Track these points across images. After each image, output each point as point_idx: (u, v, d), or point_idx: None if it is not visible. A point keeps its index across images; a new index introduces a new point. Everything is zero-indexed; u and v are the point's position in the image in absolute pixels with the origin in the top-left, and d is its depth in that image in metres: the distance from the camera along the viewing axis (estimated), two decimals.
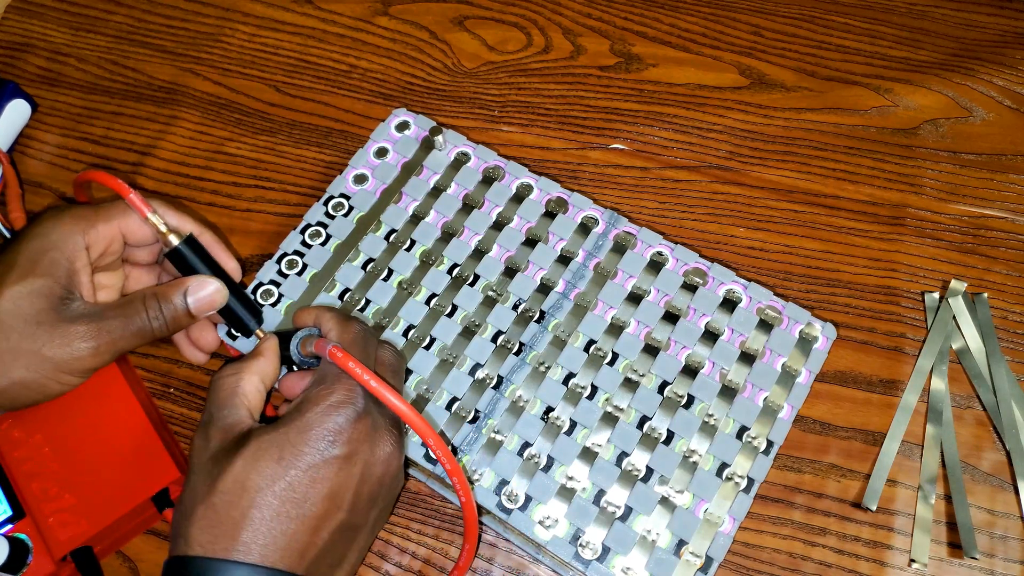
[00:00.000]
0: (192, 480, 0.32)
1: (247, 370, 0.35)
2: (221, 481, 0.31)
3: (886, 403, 0.43)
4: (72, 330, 0.35)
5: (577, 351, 0.40)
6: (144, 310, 0.36)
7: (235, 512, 0.30)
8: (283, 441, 0.31)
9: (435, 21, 0.56)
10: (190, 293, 0.37)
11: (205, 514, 0.30)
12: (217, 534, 0.30)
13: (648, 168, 0.50)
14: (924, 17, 0.54)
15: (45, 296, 0.35)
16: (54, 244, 0.36)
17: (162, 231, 0.37)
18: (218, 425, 0.33)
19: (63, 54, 0.56)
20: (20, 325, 0.34)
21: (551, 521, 0.37)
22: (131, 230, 0.38)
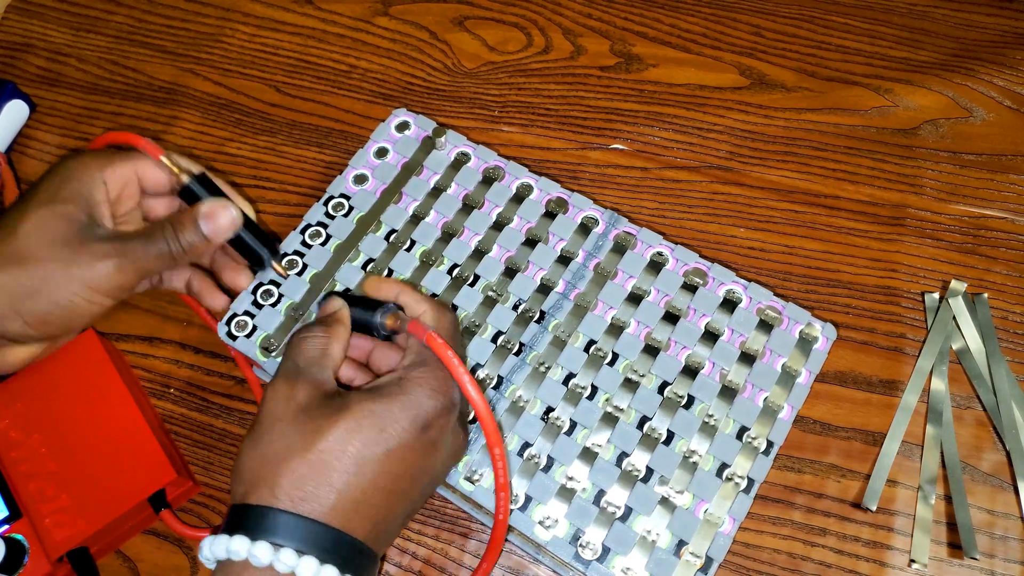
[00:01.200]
0: (280, 429, 0.31)
1: (335, 335, 0.35)
2: (322, 440, 0.30)
3: (886, 403, 0.43)
4: (97, 248, 0.35)
5: (577, 351, 0.40)
6: (163, 234, 0.37)
7: (333, 475, 0.30)
8: (386, 414, 0.31)
9: (435, 21, 0.56)
10: (202, 216, 0.37)
11: (299, 469, 0.30)
12: (309, 492, 0.30)
13: (648, 168, 0.50)
14: (924, 17, 0.54)
15: (68, 219, 0.36)
16: (74, 176, 0.37)
17: (174, 170, 0.39)
18: (307, 379, 0.33)
19: (63, 54, 0.56)
20: (47, 245, 0.35)
21: (551, 521, 0.37)
22: (146, 174, 0.39)
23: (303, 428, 0.31)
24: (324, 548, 0.29)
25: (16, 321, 0.35)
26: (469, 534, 0.42)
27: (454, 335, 0.36)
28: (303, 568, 0.28)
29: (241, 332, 0.41)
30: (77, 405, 0.41)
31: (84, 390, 0.42)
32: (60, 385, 0.42)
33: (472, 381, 0.33)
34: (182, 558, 0.42)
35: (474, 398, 0.33)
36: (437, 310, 0.36)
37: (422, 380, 0.33)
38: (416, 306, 0.36)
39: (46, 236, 0.35)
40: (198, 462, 0.44)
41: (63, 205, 0.36)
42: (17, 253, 0.35)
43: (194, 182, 0.39)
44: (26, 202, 0.36)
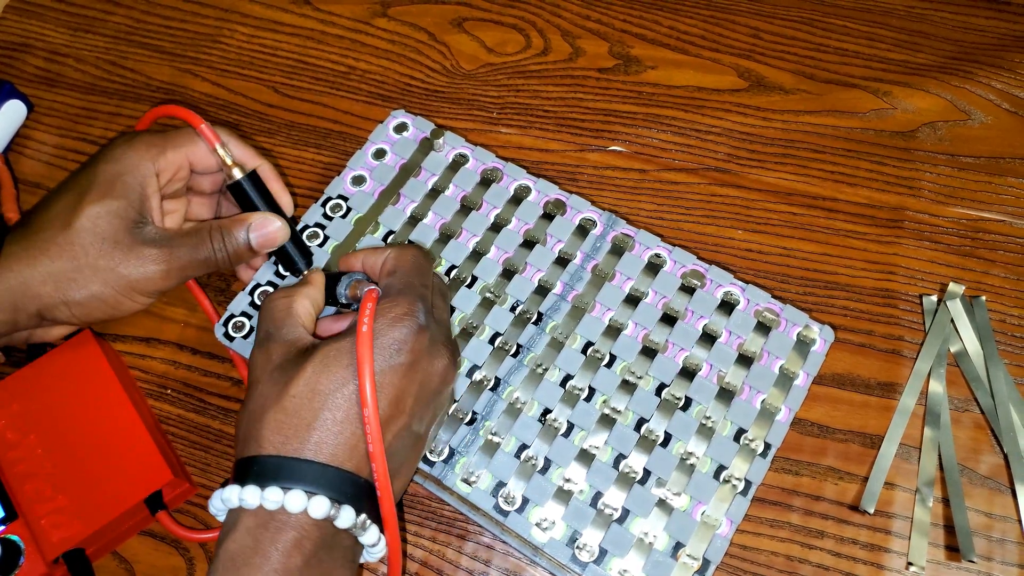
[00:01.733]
0: (259, 389, 0.33)
1: (298, 294, 0.36)
2: (292, 385, 0.32)
3: (884, 406, 0.43)
4: (146, 252, 0.37)
5: (575, 353, 0.40)
6: (210, 241, 0.38)
7: (307, 414, 0.31)
8: (351, 349, 0.32)
9: (434, 23, 0.56)
10: (253, 229, 0.39)
11: (276, 417, 0.31)
12: (289, 434, 0.31)
13: (646, 170, 0.50)
14: (923, 20, 0.54)
15: (121, 217, 0.37)
16: (127, 169, 0.38)
17: (227, 163, 0.39)
18: (279, 340, 0.34)
19: (61, 54, 0.56)
20: (98, 243, 0.36)
21: (548, 523, 0.37)
22: (198, 158, 0.40)
23: (277, 381, 0.32)
24: (313, 481, 0.30)
25: (63, 310, 0.37)
26: (466, 536, 0.42)
27: (412, 269, 0.36)
28: (291, 502, 0.30)
29: (238, 333, 0.41)
30: (74, 406, 0.41)
31: (81, 391, 0.42)
32: (57, 386, 0.42)
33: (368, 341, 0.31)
34: (179, 559, 0.42)
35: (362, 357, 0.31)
36: (396, 251, 0.37)
37: (383, 310, 0.33)
38: (378, 256, 0.37)
39: (99, 234, 0.36)
40: (195, 463, 0.44)
41: (116, 202, 0.37)
42: (71, 247, 0.36)
43: (246, 180, 0.40)
44: (81, 193, 0.37)
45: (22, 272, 0.36)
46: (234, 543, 0.30)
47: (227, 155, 0.39)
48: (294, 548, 0.30)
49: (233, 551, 0.30)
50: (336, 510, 0.31)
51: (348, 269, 0.38)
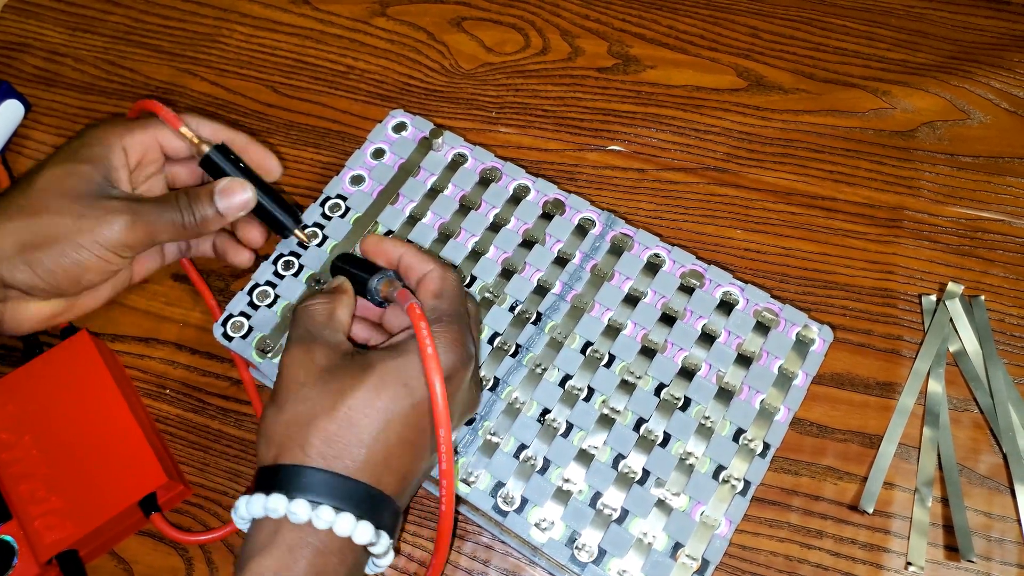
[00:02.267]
0: (306, 392, 0.32)
1: (338, 302, 0.36)
2: (350, 398, 0.31)
3: (883, 406, 0.43)
4: (108, 204, 0.36)
5: (574, 353, 0.40)
6: (176, 204, 0.38)
7: (362, 432, 0.31)
8: (410, 368, 0.32)
9: (433, 22, 0.56)
10: (218, 194, 0.38)
11: (328, 427, 0.31)
12: (340, 450, 0.30)
13: (645, 170, 0.50)
14: (922, 19, 0.54)
15: (83, 178, 0.37)
16: (94, 141, 0.38)
17: (194, 141, 0.39)
18: (322, 342, 0.33)
19: (60, 54, 0.56)
20: (58, 198, 0.36)
21: (547, 523, 0.37)
22: (168, 141, 0.40)
23: (328, 388, 0.31)
24: (357, 503, 0.30)
25: (24, 271, 0.36)
26: (466, 536, 0.42)
27: (458, 295, 0.35)
28: (341, 524, 0.29)
29: (237, 333, 0.41)
30: (69, 407, 0.41)
31: (76, 392, 0.42)
32: (52, 387, 0.42)
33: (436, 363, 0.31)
34: (177, 560, 0.42)
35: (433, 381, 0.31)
36: (442, 271, 0.36)
37: (439, 335, 0.33)
38: (421, 266, 0.36)
39: (59, 191, 0.36)
40: (193, 463, 0.44)
41: (80, 165, 0.37)
42: (30, 205, 0.36)
43: (214, 152, 0.40)
44: (45, 162, 0.38)
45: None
46: (271, 559, 0.29)
47: (190, 133, 0.39)
48: (327, 571, 0.30)
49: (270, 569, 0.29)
50: (377, 537, 0.31)
51: (383, 258, 0.38)
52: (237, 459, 0.44)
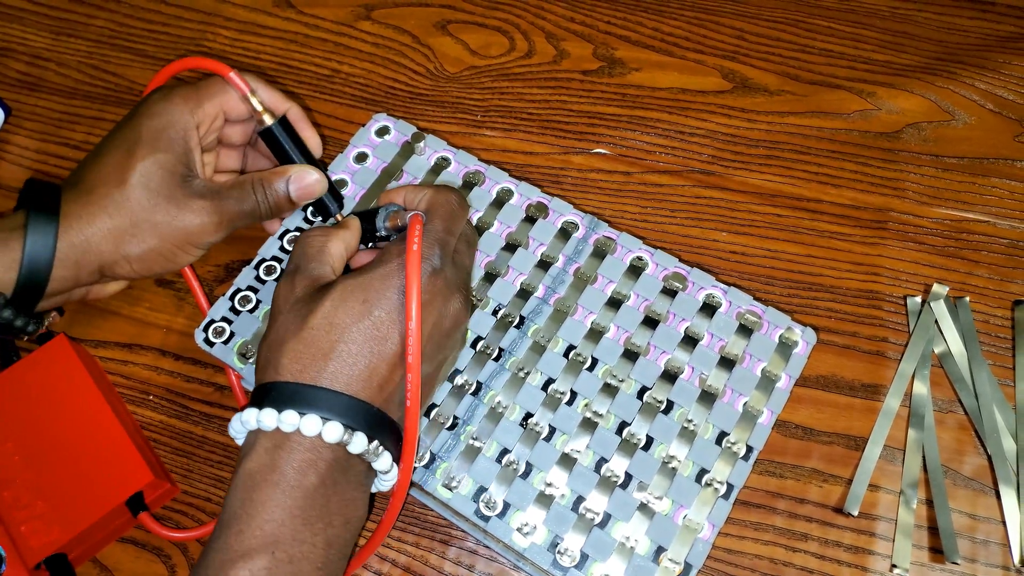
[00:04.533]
0: (280, 320, 0.35)
1: (334, 235, 0.38)
2: (312, 318, 0.33)
3: (868, 407, 0.43)
4: (197, 205, 0.38)
5: (556, 356, 0.40)
6: (253, 193, 0.40)
7: (324, 345, 0.33)
8: (367, 285, 0.34)
9: (418, 25, 0.56)
10: (292, 182, 0.40)
11: (295, 347, 0.33)
12: (306, 363, 0.33)
13: (631, 172, 0.50)
14: (907, 21, 0.54)
15: (171, 172, 0.38)
16: (169, 123, 0.39)
17: (258, 110, 0.41)
18: (305, 275, 0.36)
19: (43, 59, 0.56)
20: (153, 198, 0.38)
21: (529, 528, 0.36)
22: (231, 107, 0.41)
23: (298, 313, 0.34)
24: (328, 408, 0.32)
25: (124, 265, 0.39)
26: (450, 541, 0.41)
27: (451, 211, 0.37)
28: (306, 425, 0.32)
29: (218, 339, 0.41)
30: (50, 411, 0.41)
31: (57, 396, 0.41)
32: (32, 392, 0.41)
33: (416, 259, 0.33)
34: (160, 567, 0.42)
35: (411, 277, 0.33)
36: (435, 191, 0.38)
37: (400, 250, 0.35)
38: (416, 194, 0.38)
39: (152, 189, 0.38)
40: (178, 469, 0.44)
41: (164, 156, 0.38)
42: (127, 204, 0.38)
43: (276, 126, 0.41)
44: (129, 149, 0.38)
45: (83, 230, 0.37)
46: (252, 462, 0.32)
47: (256, 103, 0.41)
48: (309, 467, 0.32)
49: (251, 469, 0.32)
50: (349, 435, 0.32)
51: (388, 203, 0.39)
52: (221, 464, 0.44)
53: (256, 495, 0.31)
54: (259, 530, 0.31)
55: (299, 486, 0.32)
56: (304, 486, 0.32)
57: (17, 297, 0.38)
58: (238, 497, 0.32)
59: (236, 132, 0.43)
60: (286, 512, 0.31)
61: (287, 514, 0.31)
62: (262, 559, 0.30)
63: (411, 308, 0.33)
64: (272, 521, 0.31)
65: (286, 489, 0.31)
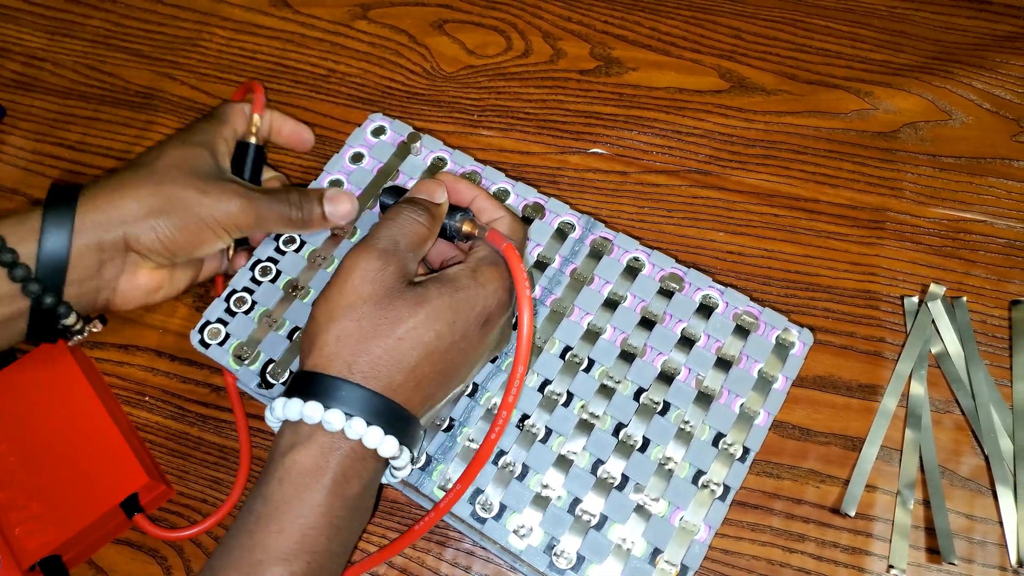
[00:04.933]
0: (366, 310, 0.33)
1: (434, 231, 0.37)
2: (402, 327, 0.33)
3: (865, 408, 0.43)
4: (228, 187, 0.39)
5: (553, 358, 0.40)
6: (287, 199, 0.41)
7: (405, 360, 0.33)
8: (460, 306, 0.34)
9: (414, 25, 0.56)
10: (328, 200, 0.41)
11: (376, 351, 0.32)
12: (382, 372, 0.32)
13: (628, 173, 0.50)
14: (904, 20, 0.54)
15: (201, 159, 0.40)
16: (203, 128, 0.42)
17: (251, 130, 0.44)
18: (400, 263, 0.34)
19: (39, 59, 0.56)
20: (183, 176, 0.39)
21: (525, 530, 0.36)
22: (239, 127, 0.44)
23: (386, 314, 0.33)
24: (387, 420, 0.32)
25: (149, 233, 0.38)
26: (446, 542, 0.41)
27: (523, 245, 0.38)
28: (370, 436, 0.31)
29: (214, 340, 0.41)
30: (45, 413, 0.41)
31: (52, 397, 0.41)
32: (28, 393, 0.41)
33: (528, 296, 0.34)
34: (156, 568, 0.42)
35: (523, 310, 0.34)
36: (512, 220, 0.38)
37: (493, 277, 0.35)
38: (492, 211, 0.38)
39: (183, 168, 0.39)
40: (173, 471, 0.44)
41: (195, 147, 0.40)
42: (156, 177, 0.38)
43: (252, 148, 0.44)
44: (163, 145, 0.40)
45: (104, 204, 0.37)
46: (304, 456, 0.31)
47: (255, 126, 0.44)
48: (355, 477, 0.32)
49: (303, 465, 0.31)
50: (400, 451, 0.33)
51: (456, 197, 0.39)
52: (217, 466, 0.44)
53: (305, 495, 0.31)
54: (300, 534, 0.30)
55: (342, 495, 0.31)
56: (346, 495, 0.32)
57: (41, 271, 0.36)
58: (284, 492, 0.31)
59: None
60: (326, 520, 0.31)
61: (326, 522, 0.31)
62: (298, 563, 0.30)
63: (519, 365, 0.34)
64: (314, 528, 0.31)
65: (332, 498, 0.31)
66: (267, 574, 0.29)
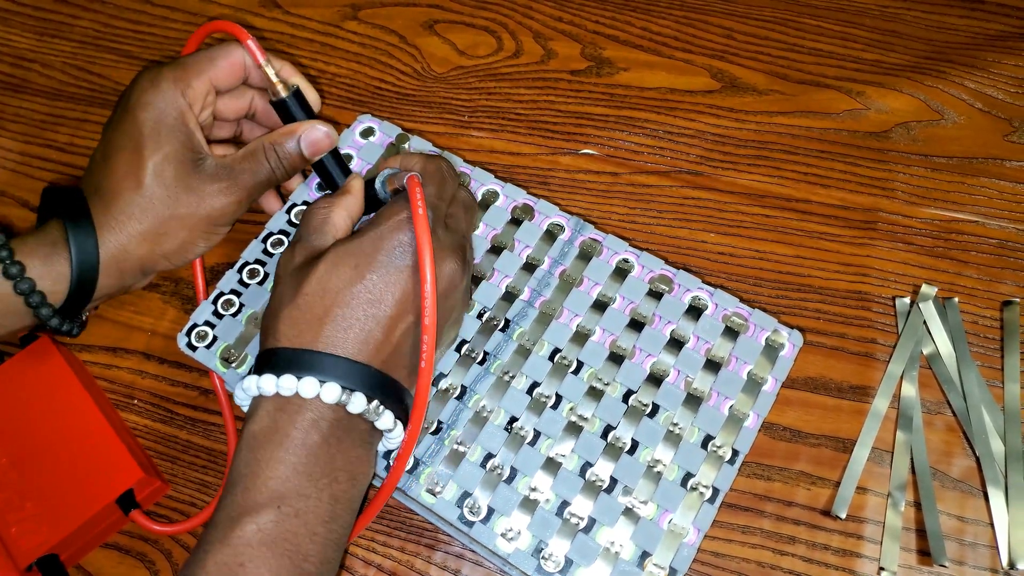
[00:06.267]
0: (279, 289, 0.36)
1: (337, 204, 0.38)
2: (306, 284, 0.34)
3: (856, 409, 0.43)
4: (216, 187, 0.39)
5: (542, 360, 0.40)
6: (266, 160, 0.40)
7: (318, 310, 0.34)
8: (358, 250, 0.35)
9: (405, 25, 0.55)
10: (302, 140, 0.40)
11: (291, 313, 0.34)
12: (302, 329, 0.34)
13: (619, 173, 0.49)
14: (896, 20, 0.53)
15: (181, 162, 0.39)
16: (165, 112, 0.39)
17: (272, 81, 0.40)
18: (306, 245, 0.37)
19: (27, 60, 0.56)
20: (172, 194, 0.39)
21: (513, 533, 0.36)
22: (220, 79, 0.41)
23: (294, 281, 0.35)
24: (325, 371, 0.33)
25: (163, 262, 0.40)
26: (436, 546, 0.41)
27: (441, 177, 0.38)
28: (304, 388, 0.32)
29: (201, 343, 0.41)
30: (37, 412, 0.41)
31: (43, 397, 0.41)
32: (18, 394, 0.41)
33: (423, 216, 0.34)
34: (143, 572, 0.41)
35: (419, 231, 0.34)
36: (426, 158, 0.39)
37: (391, 213, 0.35)
38: (409, 161, 0.40)
39: (169, 185, 0.39)
40: (163, 473, 0.44)
41: (171, 147, 0.39)
42: (151, 206, 0.38)
43: (291, 98, 0.41)
44: (136, 148, 0.38)
45: (117, 239, 0.39)
46: (255, 425, 0.33)
47: (272, 72, 0.40)
48: (311, 427, 0.33)
49: (255, 431, 0.33)
50: (347, 396, 0.33)
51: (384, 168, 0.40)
52: (205, 469, 0.44)
53: (260, 454, 0.32)
54: (264, 487, 0.31)
55: (302, 444, 0.32)
56: (307, 444, 0.32)
57: (65, 307, 0.39)
58: (243, 458, 0.32)
59: (229, 107, 0.43)
60: (290, 469, 0.32)
61: (291, 471, 0.32)
62: (268, 513, 0.31)
63: (425, 270, 0.33)
64: (277, 478, 0.32)
65: (289, 448, 0.32)
66: (239, 528, 0.31)
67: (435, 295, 0.33)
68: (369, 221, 0.36)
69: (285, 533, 0.31)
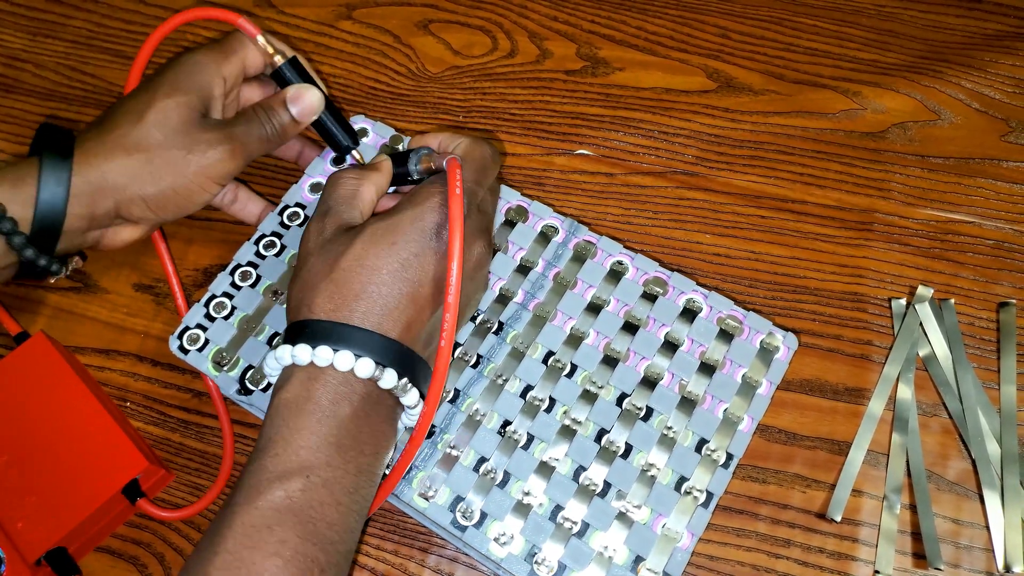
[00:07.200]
0: (311, 261, 0.36)
1: (367, 179, 0.38)
2: (343, 259, 0.35)
3: (852, 412, 0.43)
4: (210, 137, 0.39)
5: (535, 363, 0.39)
6: (258, 119, 0.41)
7: (355, 285, 0.34)
8: (396, 228, 0.35)
9: (399, 25, 0.55)
10: (291, 102, 0.41)
11: (327, 287, 0.34)
12: (339, 303, 0.34)
13: (614, 174, 0.49)
14: (893, 19, 0.53)
15: (188, 108, 0.39)
16: (195, 71, 0.40)
17: (269, 51, 0.42)
18: (335, 216, 0.37)
19: (20, 60, 0.55)
20: (169, 135, 0.38)
21: (507, 538, 0.36)
22: (251, 62, 0.42)
23: (328, 255, 0.35)
24: (360, 345, 0.33)
25: (139, 205, 0.39)
26: (429, 549, 0.41)
27: (484, 164, 0.39)
28: (340, 360, 0.33)
29: (193, 346, 0.41)
30: (37, 408, 0.41)
31: (42, 392, 0.41)
32: (16, 391, 0.41)
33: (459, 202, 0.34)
34: (136, 575, 0.41)
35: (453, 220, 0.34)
36: (471, 142, 0.39)
37: (430, 193, 0.36)
38: (452, 142, 0.40)
39: (169, 126, 0.38)
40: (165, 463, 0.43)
41: (184, 95, 0.39)
42: (145, 141, 0.38)
43: (287, 66, 0.42)
44: (151, 90, 0.39)
45: (100, 166, 0.38)
46: (288, 392, 0.33)
47: (267, 45, 0.41)
48: (342, 399, 0.33)
49: (288, 399, 0.33)
50: (380, 371, 0.33)
51: (421, 146, 0.40)
52: (199, 472, 0.43)
53: (292, 422, 0.33)
54: (295, 455, 0.32)
55: (333, 415, 0.33)
56: (338, 416, 0.33)
57: (36, 235, 0.38)
58: (274, 424, 0.33)
59: (254, 90, 0.44)
60: (320, 439, 0.32)
61: (321, 441, 0.32)
62: (297, 481, 0.31)
63: (453, 251, 0.33)
64: (307, 447, 0.32)
65: (320, 418, 0.33)
66: (268, 492, 0.31)
67: (460, 276, 0.34)
68: (405, 198, 0.37)
69: (312, 501, 0.31)
